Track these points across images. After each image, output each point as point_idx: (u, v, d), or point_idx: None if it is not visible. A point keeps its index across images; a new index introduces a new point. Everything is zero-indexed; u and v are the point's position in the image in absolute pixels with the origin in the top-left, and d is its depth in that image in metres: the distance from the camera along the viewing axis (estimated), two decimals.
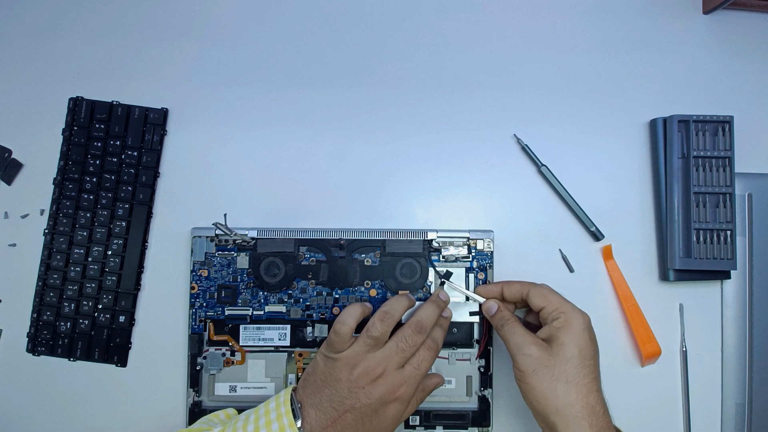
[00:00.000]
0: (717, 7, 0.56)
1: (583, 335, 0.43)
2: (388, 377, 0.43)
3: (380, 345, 0.44)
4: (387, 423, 0.43)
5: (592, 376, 0.42)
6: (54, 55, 0.58)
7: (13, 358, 0.54)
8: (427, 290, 0.53)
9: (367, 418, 0.42)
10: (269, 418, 0.41)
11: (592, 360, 0.42)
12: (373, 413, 0.42)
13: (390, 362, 0.43)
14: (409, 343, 0.44)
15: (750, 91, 0.57)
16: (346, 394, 0.42)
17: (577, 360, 0.42)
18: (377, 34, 0.58)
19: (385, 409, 0.42)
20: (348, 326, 0.44)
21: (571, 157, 0.56)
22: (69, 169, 0.55)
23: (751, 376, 0.53)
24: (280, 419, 0.41)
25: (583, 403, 0.41)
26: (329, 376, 0.43)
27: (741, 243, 0.54)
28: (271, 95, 0.57)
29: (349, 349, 0.44)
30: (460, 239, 0.53)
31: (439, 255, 0.53)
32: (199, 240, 0.53)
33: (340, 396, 0.42)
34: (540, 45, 0.58)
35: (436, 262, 0.53)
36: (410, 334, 0.44)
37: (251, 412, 0.43)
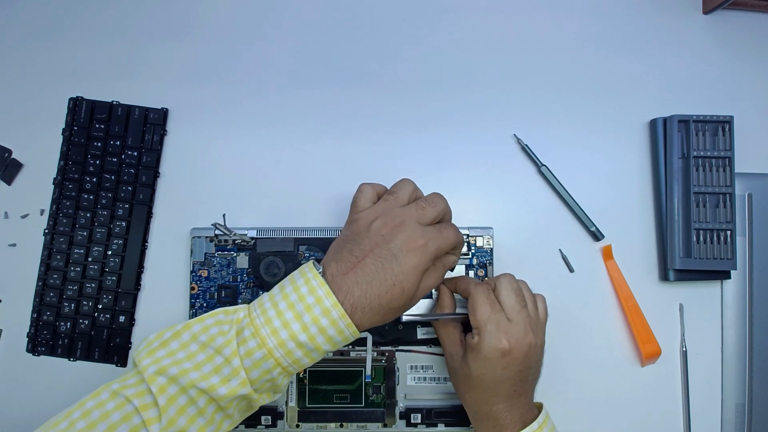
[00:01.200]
0: (717, 7, 0.56)
1: (485, 363, 0.44)
2: (407, 226, 0.42)
3: (400, 204, 0.44)
4: (408, 272, 0.40)
5: (488, 394, 0.45)
6: (54, 55, 0.58)
7: (13, 358, 0.54)
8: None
9: (387, 262, 0.40)
10: (294, 278, 0.41)
11: (495, 384, 0.44)
12: (392, 258, 0.40)
13: (410, 215, 0.42)
14: (430, 203, 0.44)
15: (750, 91, 0.57)
16: (366, 242, 0.41)
17: (476, 380, 0.45)
18: (377, 34, 0.58)
19: (405, 256, 0.40)
20: (367, 192, 0.45)
21: (571, 157, 0.56)
22: (69, 169, 0.55)
23: (751, 376, 0.53)
24: (304, 275, 0.41)
25: (477, 410, 0.46)
26: (350, 234, 0.43)
27: (741, 243, 0.54)
28: (271, 95, 0.57)
29: (369, 208, 0.44)
30: None
31: None
32: (199, 240, 0.53)
33: (360, 245, 0.41)
34: (540, 45, 0.58)
35: None
36: (432, 198, 0.44)
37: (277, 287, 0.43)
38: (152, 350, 0.40)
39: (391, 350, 0.53)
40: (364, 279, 0.40)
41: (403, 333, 0.53)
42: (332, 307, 0.39)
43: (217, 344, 0.39)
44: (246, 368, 0.39)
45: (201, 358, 0.39)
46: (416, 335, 0.53)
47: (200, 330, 0.40)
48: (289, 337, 0.39)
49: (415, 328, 0.53)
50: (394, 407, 0.52)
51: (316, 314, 0.39)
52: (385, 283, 0.40)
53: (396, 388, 0.52)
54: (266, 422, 0.52)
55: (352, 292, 0.40)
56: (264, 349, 0.39)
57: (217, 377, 0.38)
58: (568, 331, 0.54)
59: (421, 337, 0.53)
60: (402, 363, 0.53)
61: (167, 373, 0.38)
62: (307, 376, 0.52)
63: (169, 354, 0.39)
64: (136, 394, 0.38)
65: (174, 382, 0.38)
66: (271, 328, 0.39)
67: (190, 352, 0.39)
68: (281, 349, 0.39)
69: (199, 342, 0.40)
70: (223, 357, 0.39)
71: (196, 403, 0.38)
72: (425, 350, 0.53)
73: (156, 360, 0.39)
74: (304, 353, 0.40)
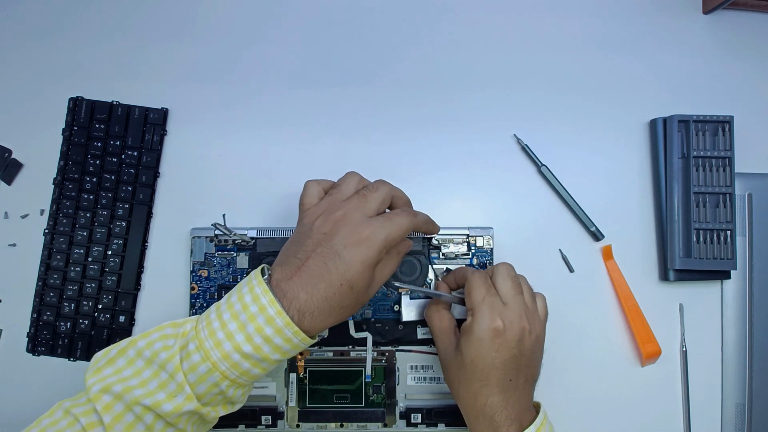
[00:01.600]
0: (717, 7, 0.56)
1: (478, 344, 0.42)
2: (349, 219, 0.40)
3: (343, 197, 0.42)
4: (354, 268, 0.39)
5: (482, 383, 0.42)
6: (54, 55, 0.58)
7: (13, 358, 0.54)
8: (427, 287, 0.53)
9: (331, 261, 0.39)
10: (240, 287, 0.40)
11: (488, 369, 0.42)
12: (336, 255, 0.39)
13: (351, 207, 0.41)
14: (372, 189, 0.42)
15: (750, 91, 0.57)
16: (308, 242, 0.40)
17: (470, 368, 0.43)
18: (377, 34, 0.58)
19: (349, 252, 0.39)
20: (312, 189, 0.44)
21: (571, 157, 0.56)
22: (69, 169, 0.55)
23: (751, 376, 0.53)
24: (249, 282, 0.40)
25: (472, 406, 0.43)
26: (295, 235, 0.42)
27: (741, 243, 0.54)
28: (271, 95, 0.57)
29: (314, 206, 0.43)
30: (460, 236, 0.53)
31: (439, 252, 0.53)
32: (199, 240, 0.53)
33: (304, 246, 0.40)
34: (540, 45, 0.58)
35: (435, 259, 0.53)
36: (378, 184, 0.43)
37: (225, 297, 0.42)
38: (99, 368, 0.39)
39: (391, 350, 0.53)
40: (309, 282, 0.39)
41: (404, 333, 0.53)
42: (276, 315, 0.38)
43: (161, 359, 0.38)
44: (191, 383, 0.38)
45: (147, 375, 0.38)
46: (416, 335, 0.53)
47: (145, 345, 0.39)
48: (234, 349, 0.38)
49: (416, 328, 0.53)
50: (395, 407, 0.52)
51: (260, 323, 0.38)
52: (332, 284, 0.39)
53: (396, 388, 0.52)
54: (266, 422, 0.52)
55: (298, 296, 0.38)
56: (208, 362, 0.38)
57: (163, 393, 0.38)
58: (568, 331, 0.54)
59: (422, 337, 0.53)
60: (402, 363, 0.53)
61: (111, 390, 0.37)
62: (307, 376, 0.52)
63: (115, 371, 0.39)
64: (84, 413, 0.37)
65: (119, 400, 0.37)
66: (214, 340, 0.38)
67: (137, 369, 0.39)
68: (226, 361, 0.38)
69: (144, 357, 0.39)
70: (167, 372, 0.38)
71: (143, 419, 0.37)
72: (425, 350, 0.53)
73: (102, 378, 0.38)
74: (251, 364, 0.38)
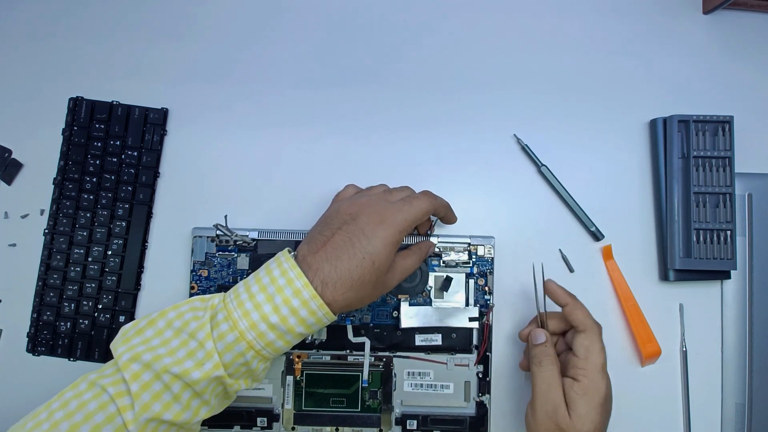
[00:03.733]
0: (717, 7, 0.56)
1: (598, 410, 0.42)
2: (373, 202, 0.44)
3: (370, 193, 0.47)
4: (377, 245, 0.41)
5: None
6: (54, 55, 0.58)
7: (13, 358, 0.54)
8: (426, 295, 0.53)
9: (355, 237, 0.41)
10: (268, 264, 0.42)
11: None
12: (360, 232, 0.41)
13: (377, 195, 0.45)
14: (397, 188, 0.47)
15: (750, 91, 0.57)
16: (335, 221, 0.43)
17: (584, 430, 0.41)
18: (377, 34, 0.58)
19: (372, 230, 0.42)
20: (349, 189, 0.50)
21: (571, 157, 0.56)
22: (69, 169, 0.55)
23: (751, 376, 0.53)
24: (277, 259, 0.42)
25: None
26: (321, 219, 0.45)
27: (741, 243, 0.54)
28: (271, 95, 0.57)
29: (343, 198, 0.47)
30: (461, 245, 0.53)
31: (440, 260, 0.53)
32: (200, 240, 0.53)
33: (330, 225, 0.43)
34: (540, 45, 0.58)
35: (436, 267, 0.53)
36: (401, 186, 0.48)
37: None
38: (128, 338, 0.40)
39: (388, 356, 0.52)
40: (333, 255, 0.41)
41: (402, 339, 0.53)
42: (303, 287, 0.39)
43: (191, 329, 0.39)
44: (219, 351, 0.39)
45: (175, 344, 0.39)
46: (414, 342, 0.52)
47: (175, 316, 0.41)
48: (261, 319, 0.39)
49: (414, 334, 0.52)
50: (390, 413, 0.52)
51: (287, 295, 0.39)
52: (354, 257, 0.41)
53: (393, 393, 0.52)
54: (262, 424, 0.52)
55: (322, 268, 0.40)
56: (236, 331, 0.39)
57: (191, 361, 0.38)
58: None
59: (420, 343, 0.52)
60: (399, 369, 0.52)
61: (141, 359, 0.38)
62: (304, 378, 0.52)
63: (143, 341, 0.40)
64: (112, 383, 0.38)
65: (148, 368, 0.38)
66: (243, 310, 0.39)
67: (165, 338, 0.40)
68: (253, 331, 0.39)
69: (174, 328, 0.40)
70: (197, 341, 0.39)
71: (170, 388, 0.38)
72: (423, 357, 0.52)
73: (131, 347, 0.39)
74: (277, 335, 0.40)
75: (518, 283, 0.54)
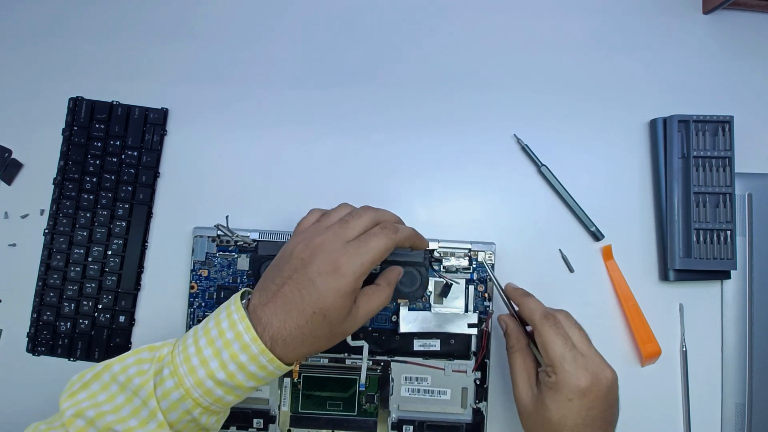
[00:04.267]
0: (717, 7, 0.56)
1: (568, 405, 0.39)
2: (326, 246, 0.39)
3: (328, 224, 0.41)
4: (327, 298, 0.38)
5: None
6: (54, 55, 0.58)
7: (13, 358, 0.54)
8: (426, 300, 0.53)
9: (305, 289, 0.38)
10: (218, 312, 0.40)
11: (579, 428, 0.39)
12: (309, 283, 0.38)
13: (332, 233, 0.40)
14: (355, 216, 0.41)
15: (750, 91, 0.57)
16: (286, 267, 0.39)
17: (556, 425, 0.40)
18: (377, 34, 0.58)
19: (323, 280, 0.38)
20: (312, 216, 0.44)
21: (571, 157, 0.56)
22: (69, 169, 0.55)
23: (751, 376, 0.53)
24: (227, 307, 0.39)
25: None
26: (277, 259, 0.42)
27: (741, 243, 0.54)
28: (272, 95, 0.57)
29: (300, 232, 0.42)
30: (462, 250, 0.53)
31: (440, 265, 0.53)
32: (201, 240, 0.53)
33: (282, 271, 0.40)
34: (540, 45, 0.58)
35: (436, 272, 0.53)
36: (362, 210, 0.42)
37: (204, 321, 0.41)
38: (73, 392, 0.38)
39: (386, 360, 0.52)
40: (282, 309, 0.38)
41: (400, 344, 0.52)
42: (251, 341, 0.37)
43: (134, 385, 0.38)
44: (163, 410, 0.37)
45: (120, 400, 0.38)
46: (413, 347, 0.52)
47: (119, 370, 0.39)
48: (207, 376, 0.37)
49: (412, 339, 0.52)
50: (387, 417, 0.52)
51: (235, 350, 0.37)
52: (304, 312, 0.38)
53: (390, 398, 0.52)
54: (258, 425, 0.51)
55: (271, 323, 0.38)
56: (181, 389, 0.37)
57: (135, 420, 0.37)
58: None
59: (418, 348, 0.52)
60: (397, 374, 0.52)
61: (85, 415, 0.37)
62: (301, 381, 0.52)
63: (89, 396, 0.38)
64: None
65: (92, 425, 0.37)
66: (189, 366, 0.37)
67: (110, 394, 0.38)
68: (199, 388, 0.37)
69: (118, 382, 0.38)
70: (140, 399, 0.37)
71: None
72: (421, 362, 0.52)
73: (76, 402, 0.38)
74: (225, 391, 0.38)
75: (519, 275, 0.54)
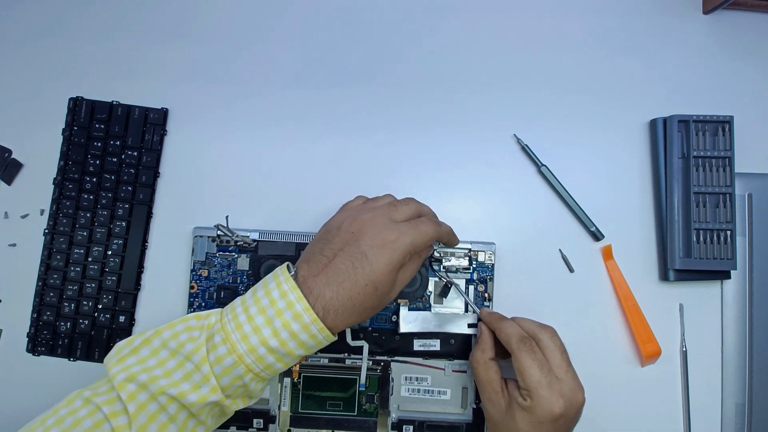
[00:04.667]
0: (717, 7, 0.56)
1: (539, 427, 0.41)
2: (377, 222, 0.41)
3: (374, 205, 0.44)
4: (380, 270, 0.39)
5: None
6: (54, 55, 0.58)
7: (13, 358, 0.54)
8: (426, 300, 0.53)
9: (358, 261, 0.39)
10: (266, 282, 0.41)
11: None
12: (362, 256, 0.39)
13: (381, 212, 0.42)
14: (402, 202, 0.44)
15: (750, 91, 0.57)
16: (336, 239, 0.41)
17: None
18: (377, 34, 0.58)
19: (375, 254, 0.39)
20: (358, 199, 0.47)
21: (571, 157, 0.56)
22: (69, 169, 0.55)
23: (751, 376, 0.53)
24: (276, 278, 0.40)
25: None
26: (322, 233, 0.43)
27: (741, 243, 0.54)
28: (272, 95, 0.57)
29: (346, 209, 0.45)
30: (462, 250, 0.53)
31: (440, 265, 0.53)
32: (201, 240, 0.53)
33: (331, 243, 0.41)
34: (540, 45, 0.58)
35: (437, 271, 0.53)
36: (408, 199, 0.44)
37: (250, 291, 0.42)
38: (122, 357, 0.39)
39: (386, 360, 0.52)
40: (335, 280, 0.39)
41: (400, 344, 0.52)
42: (303, 311, 0.38)
43: (187, 350, 0.38)
44: (216, 375, 0.38)
45: (171, 365, 0.38)
46: (413, 347, 0.52)
47: (170, 336, 0.39)
48: (260, 343, 0.38)
49: (412, 339, 0.52)
50: (387, 417, 0.52)
51: (287, 319, 0.38)
52: (357, 284, 0.39)
53: (389, 398, 0.52)
54: (258, 425, 0.52)
55: (324, 294, 0.39)
56: (234, 355, 0.38)
57: (188, 384, 0.38)
58: (568, 332, 0.53)
59: (418, 348, 0.52)
60: (397, 374, 0.52)
61: (137, 380, 0.37)
62: (301, 381, 0.52)
63: (139, 361, 0.39)
64: (107, 402, 0.37)
65: (144, 389, 0.37)
66: (241, 333, 0.38)
67: (161, 359, 0.39)
68: (252, 354, 0.38)
69: (169, 348, 0.39)
70: (193, 363, 0.38)
71: (166, 410, 0.38)
72: (421, 362, 0.52)
73: (126, 367, 0.38)
74: (276, 358, 0.39)
75: (519, 276, 0.54)
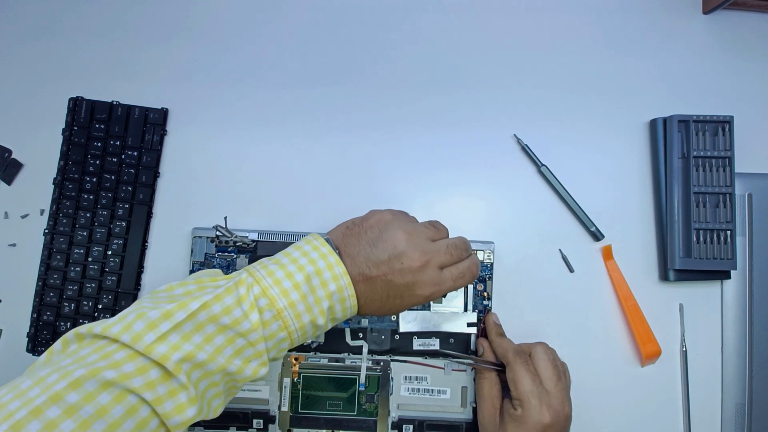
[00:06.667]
0: (717, 7, 0.56)
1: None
2: (426, 272, 0.42)
3: (436, 239, 0.44)
4: (406, 304, 0.43)
5: None
6: (54, 55, 0.58)
7: (13, 358, 0.54)
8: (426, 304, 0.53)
9: (393, 292, 0.42)
10: (311, 257, 0.41)
11: None
12: (402, 291, 0.42)
13: (435, 258, 0.43)
14: (459, 248, 0.45)
15: (750, 91, 0.57)
16: (385, 262, 0.42)
17: None
18: (377, 34, 0.58)
19: (410, 293, 0.43)
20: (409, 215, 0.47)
21: (571, 157, 0.56)
22: (69, 169, 0.55)
23: (751, 376, 0.53)
24: (325, 258, 0.41)
25: None
26: (379, 235, 0.43)
27: (741, 243, 0.54)
28: (271, 95, 0.57)
29: (411, 222, 0.45)
30: None
31: None
32: (200, 240, 0.53)
33: (378, 260, 0.42)
34: (540, 45, 0.58)
35: None
36: (460, 243, 0.45)
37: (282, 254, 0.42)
38: (163, 335, 0.36)
39: (386, 359, 0.52)
40: (387, 304, 0.43)
41: (400, 343, 0.52)
42: (342, 275, 0.40)
43: (243, 329, 0.38)
44: (267, 349, 0.39)
45: (220, 341, 0.38)
46: (412, 346, 0.52)
47: (221, 311, 0.38)
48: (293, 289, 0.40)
49: (412, 339, 0.52)
50: (387, 417, 0.52)
51: (326, 279, 0.40)
52: (402, 306, 0.44)
53: (389, 397, 0.52)
54: (258, 426, 0.51)
55: (368, 306, 0.43)
56: (279, 320, 0.39)
57: (239, 359, 0.39)
58: (568, 332, 0.54)
59: (417, 348, 0.52)
60: (396, 373, 0.52)
61: (195, 359, 0.36)
62: (301, 381, 0.52)
63: (184, 338, 0.37)
64: (146, 386, 0.34)
65: (199, 368, 0.37)
66: (281, 288, 0.39)
67: (207, 335, 0.38)
68: (291, 310, 0.39)
69: (219, 324, 0.38)
70: (246, 340, 0.39)
71: (218, 385, 0.39)
72: (420, 361, 0.52)
73: (174, 346, 0.36)
74: (309, 320, 0.40)
75: (518, 276, 0.54)
